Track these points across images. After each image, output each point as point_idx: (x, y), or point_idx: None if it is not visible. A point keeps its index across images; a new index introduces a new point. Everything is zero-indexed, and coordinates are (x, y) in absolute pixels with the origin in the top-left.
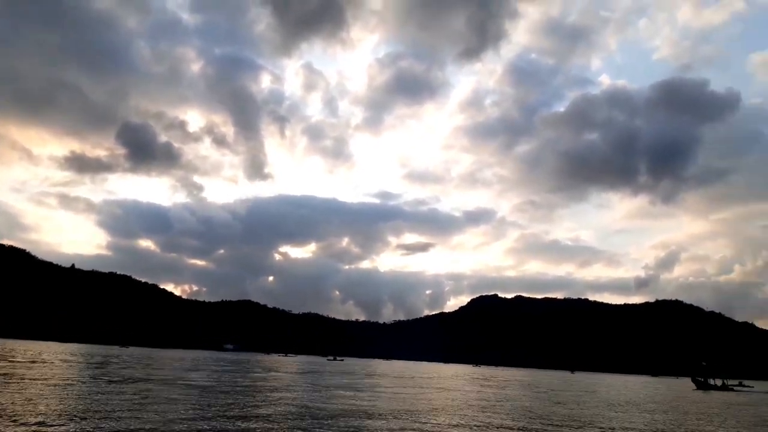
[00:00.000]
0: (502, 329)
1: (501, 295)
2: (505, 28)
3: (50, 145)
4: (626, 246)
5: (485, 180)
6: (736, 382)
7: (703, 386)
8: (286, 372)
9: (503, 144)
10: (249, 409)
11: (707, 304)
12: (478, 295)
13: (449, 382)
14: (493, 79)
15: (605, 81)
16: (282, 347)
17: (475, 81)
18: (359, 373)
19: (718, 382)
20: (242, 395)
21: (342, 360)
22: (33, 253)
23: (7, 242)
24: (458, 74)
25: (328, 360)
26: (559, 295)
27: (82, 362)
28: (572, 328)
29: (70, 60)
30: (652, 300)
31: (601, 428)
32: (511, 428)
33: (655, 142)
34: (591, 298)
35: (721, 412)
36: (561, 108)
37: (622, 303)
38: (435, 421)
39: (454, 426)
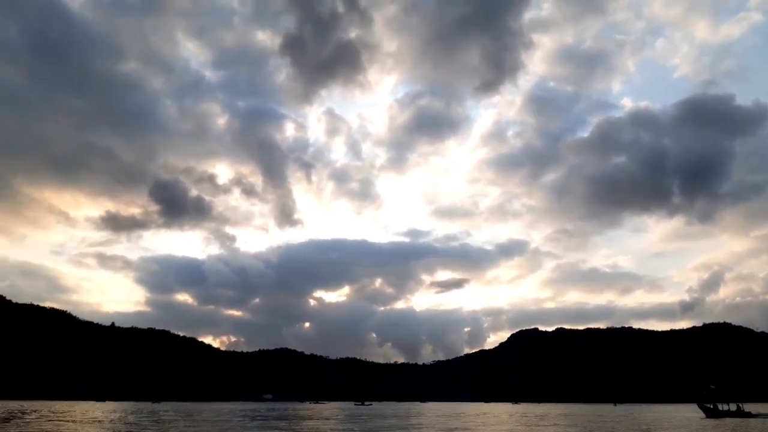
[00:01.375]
0: (544, 364)
1: (542, 328)
2: (521, 59)
3: (85, 206)
4: (667, 269)
5: (515, 211)
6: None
7: (713, 414)
8: (314, 420)
9: (529, 174)
10: None
11: (757, 324)
12: (518, 330)
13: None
14: (514, 110)
15: (627, 103)
16: (320, 394)
17: (496, 113)
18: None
19: (733, 407)
20: None
21: (371, 404)
22: (74, 313)
23: (48, 305)
24: (478, 108)
25: (356, 405)
26: (602, 325)
27: (116, 420)
28: (617, 359)
29: (100, 123)
30: (699, 324)
31: None
32: None
33: (685, 160)
34: (635, 325)
35: None
36: (585, 134)
37: (669, 329)
38: None
39: None
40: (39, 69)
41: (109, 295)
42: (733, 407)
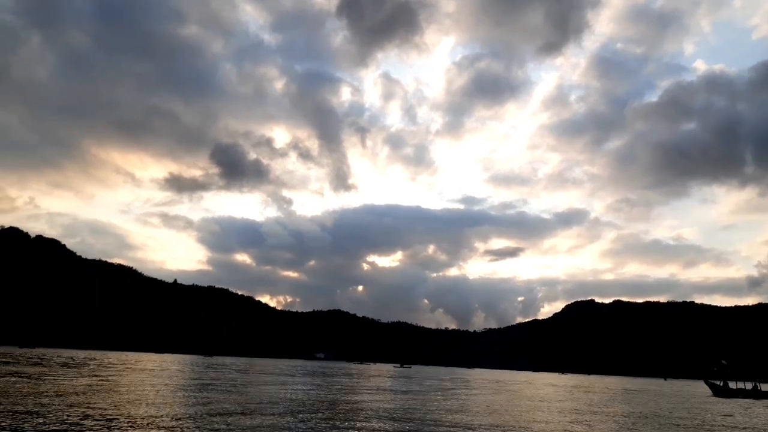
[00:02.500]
0: (598, 336)
1: (598, 300)
2: (586, 18)
3: (150, 167)
4: (735, 243)
5: (575, 179)
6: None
7: (721, 392)
8: (355, 378)
9: (592, 140)
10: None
11: None
12: (573, 301)
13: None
14: (577, 73)
15: (701, 66)
16: (371, 356)
17: (558, 76)
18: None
19: (749, 386)
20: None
21: (410, 367)
22: (140, 270)
23: (116, 261)
24: (539, 71)
25: (394, 367)
26: (662, 299)
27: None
28: (676, 333)
29: (163, 86)
30: (766, 300)
31: None
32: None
33: (760, 127)
34: (698, 300)
35: None
36: (653, 98)
37: (733, 305)
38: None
39: None
40: (104, 34)
41: (173, 253)
42: (749, 386)
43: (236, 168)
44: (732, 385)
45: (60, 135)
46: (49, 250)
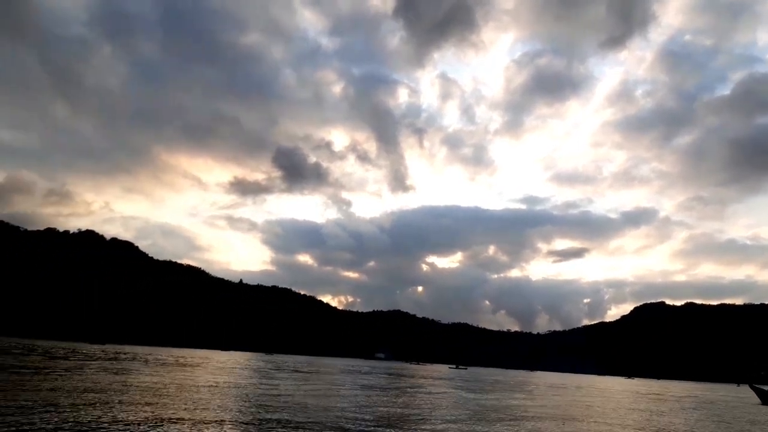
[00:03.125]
0: (669, 339)
1: (669, 302)
2: (652, 9)
3: (215, 172)
4: None
5: (642, 177)
6: None
7: None
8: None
9: (660, 136)
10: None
11: None
12: (641, 303)
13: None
14: (643, 67)
15: None
16: (431, 356)
17: (623, 71)
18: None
19: None
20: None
21: (465, 369)
22: (207, 270)
23: (185, 262)
24: (602, 65)
25: (449, 368)
26: (738, 301)
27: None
28: (753, 337)
29: (227, 92)
30: None
31: None
32: None
33: None
34: None
35: None
36: (725, 92)
37: None
38: None
39: None
40: (172, 42)
41: (238, 254)
42: None
43: (297, 171)
44: None
45: (131, 141)
46: (123, 251)
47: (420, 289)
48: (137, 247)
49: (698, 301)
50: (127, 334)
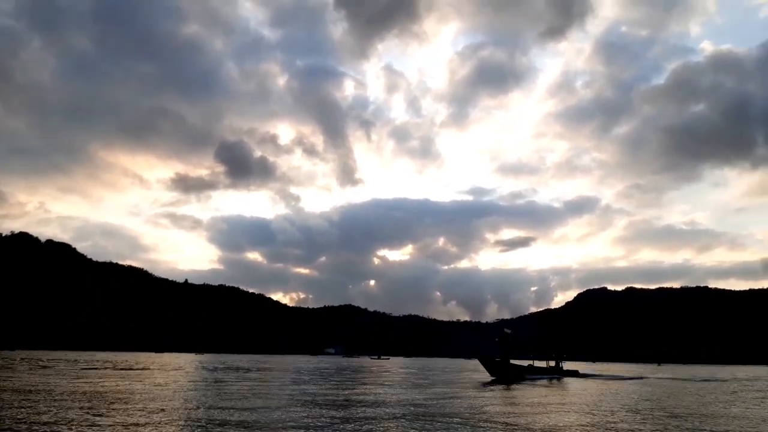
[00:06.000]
0: (609, 324)
1: (610, 287)
2: (590, 2)
3: (156, 168)
4: (749, 226)
5: (584, 167)
6: None
7: (497, 371)
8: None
9: (600, 126)
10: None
11: None
12: (585, 289)
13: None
14: (582, 58)
15: (707, 47)
16: (384, 350)
17: (563, 62)
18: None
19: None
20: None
21: (388, 359)
22: (151, 271)
23: (128, 263)
24: (543, 57)
25: (371, 359)
26: (676, 285)
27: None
28: (690, 318)
29: (167, 87)
30: None
31: None
32: None
33: None
34: (712, 285)
35: None
36: (660, 81)
37: (747, 289)
38: None
39: None
40: (106, 35)
41: (184, 253)
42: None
43: (242, 166)
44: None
45: (66, 139)
46: (59, 253)
47: (372, 282)
48: (74, 248)
49: (638, 286)
50: (64, 339)
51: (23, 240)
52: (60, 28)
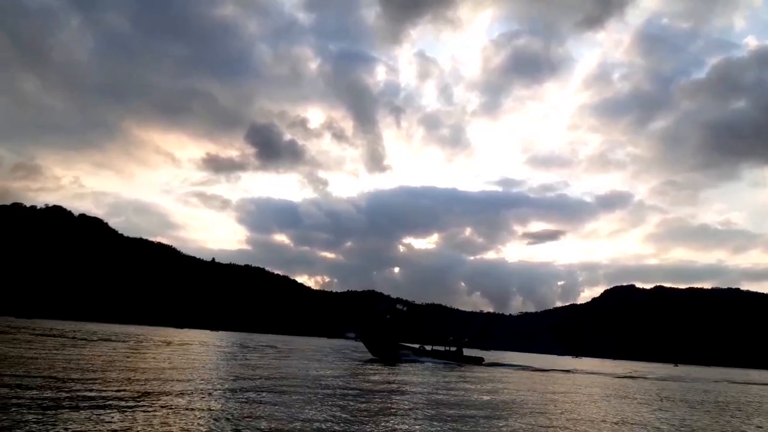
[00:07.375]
0: (635, 322)
1: (639, 285)
2: None
3: (189, 148)
4: None
5: (618, 161)
6: None
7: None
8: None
9: (636, 120)
10: None
11: None
12: (612, 286)
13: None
14: (621, 49)
15: (751, 42)
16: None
17: (600, 53)
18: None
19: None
20: None
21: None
22: (179, 249)
23: (158, 239)
24: (580, 47)
25: (346, 338)
26: (707, 285)
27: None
28: (720, 321)
29: (200, 68)
30: None
31: None
32: None
33: None
34: (744, 287)
35: None
36: (701, 75)
37: None
38: None
39: None
40: (142, 14)
41: (213, 232)
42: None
43: (272, 148)
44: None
45: (102, 116)
46: (92, 228)
47: (396, 269)
48: (107, 223)
49: (668, 285)
50: (86, 311)
51: (57, 213)
52: (98, 7)
